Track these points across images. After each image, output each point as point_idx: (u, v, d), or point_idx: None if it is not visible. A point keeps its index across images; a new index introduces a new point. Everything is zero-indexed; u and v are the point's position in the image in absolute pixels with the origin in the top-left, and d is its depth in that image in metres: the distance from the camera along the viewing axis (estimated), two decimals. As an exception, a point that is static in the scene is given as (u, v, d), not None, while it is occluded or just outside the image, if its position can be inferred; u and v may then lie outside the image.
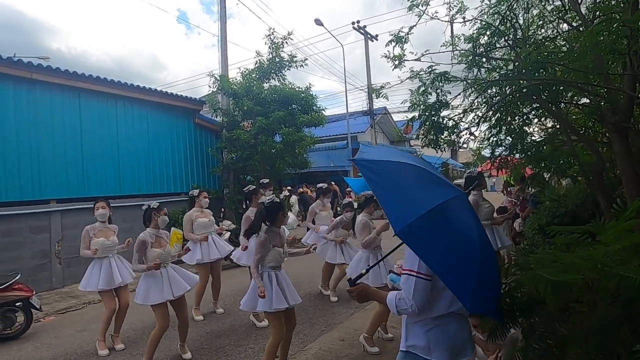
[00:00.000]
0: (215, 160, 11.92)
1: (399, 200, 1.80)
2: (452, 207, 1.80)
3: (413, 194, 1.84)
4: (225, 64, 12.26)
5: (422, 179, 1.92)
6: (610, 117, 3.71)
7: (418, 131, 5.03)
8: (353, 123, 20.74)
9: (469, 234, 1.81)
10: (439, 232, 1.74)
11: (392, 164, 1.97)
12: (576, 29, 4.08)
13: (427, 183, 1.90)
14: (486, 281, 1.79)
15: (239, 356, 4.53)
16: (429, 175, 1.95)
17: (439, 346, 1.95)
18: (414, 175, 1.92)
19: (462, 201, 1.92)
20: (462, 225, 1.83)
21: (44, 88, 8.16)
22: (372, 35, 21.13)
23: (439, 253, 1.72)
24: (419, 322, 2.00)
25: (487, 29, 4.50)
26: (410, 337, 2.04)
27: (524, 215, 6.66)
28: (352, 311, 5.66)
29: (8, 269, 6.76)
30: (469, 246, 1.78)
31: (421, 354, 1.98)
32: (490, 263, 1.87)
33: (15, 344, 5.35)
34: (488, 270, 1.83)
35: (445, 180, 2.00)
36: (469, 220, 1.86)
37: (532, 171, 6.89)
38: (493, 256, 1.94)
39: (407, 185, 1.86)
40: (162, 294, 4.27)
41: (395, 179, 1.88)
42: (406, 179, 1.89)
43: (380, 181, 1.87)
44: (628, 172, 3.77)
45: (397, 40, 4.69)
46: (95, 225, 5.16)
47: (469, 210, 1.93)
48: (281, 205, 3.87)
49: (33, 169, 7.92)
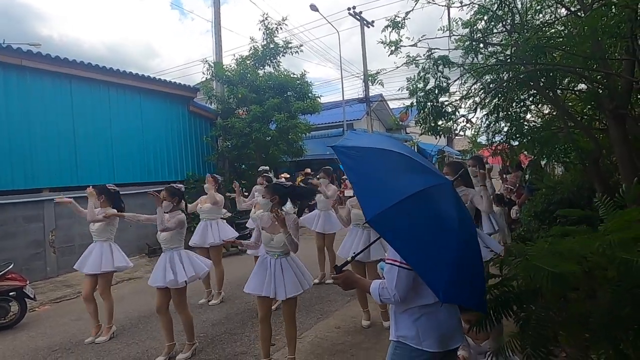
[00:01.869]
0: (210, 148, 11.82)
1: (373, 188, 1.78)
2: (430, 196, 1.77)
3: (388, 181, 1.80)
4: (220, 51, 12.09)
5: (403, 166, 1.88)
6: (608, 104, 3.69)
7: (417, 117, 4.98)
8: (349, 110, 20.59)
9: (447, 222, 1.76)
10: (412, 220, 1.71)
11: (372, 151, 1.92)
12: (575, 13, 4.02)
13: (406, 171, 1.86)
14: (465, 271, 1.76)
15: (235, 344, 4.52)
16: (411, 163, 1.90)
17: (428, 335, 1.94)
18: (394, 162, 1.88)
19: (443, 189, 1.86)
20: (439, 213, 1.79)
21: (35, 75, 8.01)
22: (368, 22, 20.87)
23: (410, 241, 1.71)
24: (406, 311, 2.00)
25: (485, 14, 4.43)
26: (399, 327, 2.04)
27: (520, 202, 6.66)
28: (348, 299, 5.66)
29: (2, 258, 6.70)
30: (446, 235, 1.74)
31: (411, 343, 1.97)
32: (472, 254, 1.83)
33: (10, 333, 5.33)
34: (468, 261, 1.79)
35: (429, 168, 1.95)
36: (449, 209, 1.80)
37: (528, 159, 6.88)
38: (476, 247, 1.88)
39: (383, 173, 1.83)
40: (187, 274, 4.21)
41: (373, 166, 1.85)
42: (384, 167, 1.86)
43: (356, 167, 1.84)
44: (624, 158, 3.76)
45: (393, 26, 4.62)
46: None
47: (451, 198, 1.86)
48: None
49: (25, 158, 7.82)
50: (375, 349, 4.15)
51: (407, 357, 1.99)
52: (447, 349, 1.97)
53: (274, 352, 4.25)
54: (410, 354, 1.98)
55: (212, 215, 6.04)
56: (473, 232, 1.96)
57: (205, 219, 6.03)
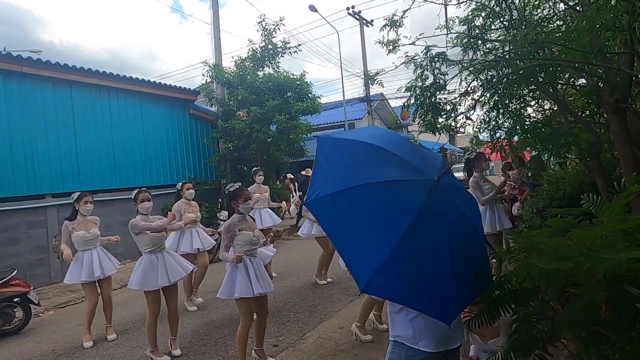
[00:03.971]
0: (212, 151, 11.84)
1: (326, 175, 1.84)
2: (385, 190, 1.75)
3: (343, 171, 1.83)
4: (219, 53, 12.10)
5: (372, 159, 1.86)
6: (608, 98, 3.66)
7: (416, 114, 4.96)
8: (350, 110, 20.57)
9: (395, 220, 1.70)
10: (351, 209, 1.74)
11: (346, 142, 1.97)
12: (573, 8, 3.99)
13: (372, 164, 1.84)
14: (412, 270, 1.69)
15: (239, 346, 4.52)
16: (385, 157, 1.85)
17: (425, 335, 1.94)
18: (366, 155, 1.87)
19: (410, 186, 1.78)
20: (391, 207, 1.73)
21: (35, 81, 8.05)
22: (367, 21, 20.85)
23: (342, 229, 1.75)
24: (402, 310, 2.00)
25: (482, 10, 4.41)
26: (395, 326, 2.04)
27: (522, 198, 6.63)
28: (351, 299, 5.65)
29: (6, 264, 6.73)
30: (389, 231, 1.69)
31: (408, 342, 1.97)
32: (434, 257, 1.73)
33: (15, 339, 5.36)
34: (421, 262, 1.71)
35: (409, 163, 1.86)
36: (410, 205, 1.72)
37: (530, 155, 6.85)
38: (446, 255, 1.74)
39: (345, 163, 1.87)
40: (157, 280, 4.28)
41: (340, 155, 1.90)
42: (353, 157, 1.88)
43: (323, 157, 1.90)
44: (626, 152, 3.73)
45: (391, 24, 4.61)
46: (76, 219, 5.04)
47: (416, 196, 1.75)
48: (240, 191, 3.93)
49: (27, 164, 7.85)
50: (378, 348, 4.14)
51: (404, 357, 1.99)
52: (445, 349, 1.96)
53: (277, 353, 4.25)
54: (407, 353, 1.97)
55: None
56: (472, 231, 1.90)
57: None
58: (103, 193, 8.90)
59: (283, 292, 6.15)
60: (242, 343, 3.84)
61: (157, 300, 4.33)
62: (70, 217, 5.02)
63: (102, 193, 8.87)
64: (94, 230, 5.07)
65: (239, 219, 3.88)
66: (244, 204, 3.87)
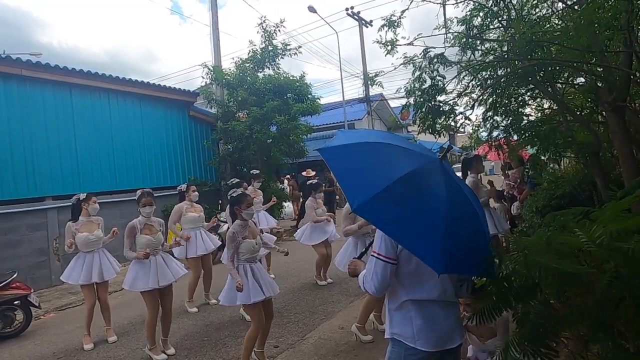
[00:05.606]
0: (212, 152, 11.84)
1: (357, 181, 1.85)
2: (414, 178, 1.83)
3: (370, 173, 1.87)
4: (218, 55, 12.11)
5: (387, 155, 1.95)
6: (607, 96, 3.66)
7: (416, 116, 4.96)
8: (350, 111, 20.58)
9: (434, 199, 1.82)
10: (397, 204, 1.78)
11: (354, 146, 2.04)
12: (571, 7, 3.99)
13: (390, 159, 1.93)
14: (460, 244, 1.80)
15: (239, 347, 4.51)
16: (395, 150, 1.98)
17: (423, 334, 1.94)
18: (378, 153, 1.95)
19: (429, 168, 1.91)
20: (427, 192, 1.84)
21: (35, 84, 8.08)
22: (366, 21, 20.87)
23: (398, 223, 1.77)
24: (399, 308, 2.01)
25: (481, 10, 4.40)
26: (393, 324, 2.05)
27: (521, 198, 6.62)
28: (352, 299, 5.65)
29: (7, 267, 6.73)
30: (435, 211, 1.78)
31: (405, 341, 1.98)
32: (469, 228, 1.88)
33: (16, 342, 5.36)
34: (463, 234, 1.83)
35: (415, 151, 2.01)
36: (437, 186, 1.85)
37: (529, 154, 6.84)
38: (475, 222, 1.93)
39: (366, 165, 1.91)
40: (148, 282, 4.32)
41: (355, 160, 1.93)
42: (368, 158, 1.93)
43: (339, 165, 1.95)
44: (625, 151, 3.73)
45: (389, 25, 4.60)
46: (79, 220, 5.05)
47: (440, 175, 1.89)
48: (242, 197, 3.93)
49: (27, 166, 7.87)
50: (378, 349, 4.14)
51: (403, 355, 1.99)
52: (444, 348, 1.96)
53: (277, 354, 4.25)
54: (406, 352, 1.98)
55: (196, 224, 6.06)
56: (471, 209, 1.96)
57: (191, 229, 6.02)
58: (103, 195, 8.89)
59: (283, 292, 6.15)
60: (249, 346, 3.81)
61: (155, 300, 4.39)
62: (73, 219, 5.02)
63: (102, 195, 8.85)
64: (97, 232, 5.07)
65: (242, 226, 3.87)
66: (247, 210, 3.86)
